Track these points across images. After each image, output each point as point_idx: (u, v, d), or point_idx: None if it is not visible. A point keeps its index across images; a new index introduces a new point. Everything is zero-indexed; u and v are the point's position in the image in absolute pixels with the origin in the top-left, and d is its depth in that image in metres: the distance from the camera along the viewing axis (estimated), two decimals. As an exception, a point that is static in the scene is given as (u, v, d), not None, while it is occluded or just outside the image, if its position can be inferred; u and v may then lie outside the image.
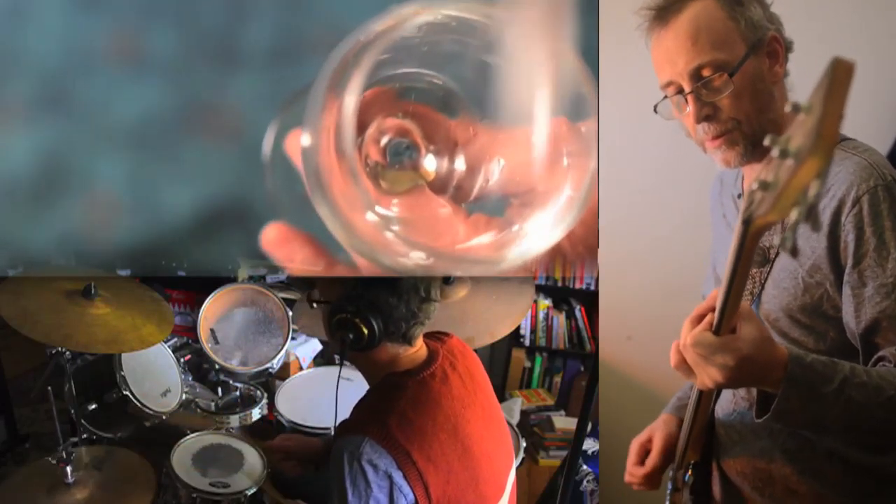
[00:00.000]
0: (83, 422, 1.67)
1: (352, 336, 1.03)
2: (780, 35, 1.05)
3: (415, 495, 0.97)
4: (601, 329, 2.27)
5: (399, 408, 1.02)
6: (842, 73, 0.53)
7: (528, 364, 3.09)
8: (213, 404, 1.85)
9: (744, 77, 1.01)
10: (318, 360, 2.27)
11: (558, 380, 3.11)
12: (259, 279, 2.22)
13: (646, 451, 1.25)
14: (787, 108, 0.57)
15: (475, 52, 0.57)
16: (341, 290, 1.04)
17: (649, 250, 2.06)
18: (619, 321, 2.14)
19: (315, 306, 1.08)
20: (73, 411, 1.65)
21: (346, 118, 0.52)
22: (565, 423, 2.77)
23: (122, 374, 1.69)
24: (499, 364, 3.03)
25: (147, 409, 1.71)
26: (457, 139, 0.60)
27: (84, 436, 1.67)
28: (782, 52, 1.05)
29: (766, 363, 0.84)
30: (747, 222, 0.66)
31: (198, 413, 1.83)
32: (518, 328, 2.98)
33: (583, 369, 3.08)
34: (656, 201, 2.03)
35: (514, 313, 1.75)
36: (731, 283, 0.77)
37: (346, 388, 1.15)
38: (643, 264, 2.06)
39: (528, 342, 3.07)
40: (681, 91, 1.04)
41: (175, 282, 2.36)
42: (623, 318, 2.13)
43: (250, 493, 1.56)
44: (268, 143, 0.62)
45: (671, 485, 1.21)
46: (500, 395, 2.90)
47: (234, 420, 1.81)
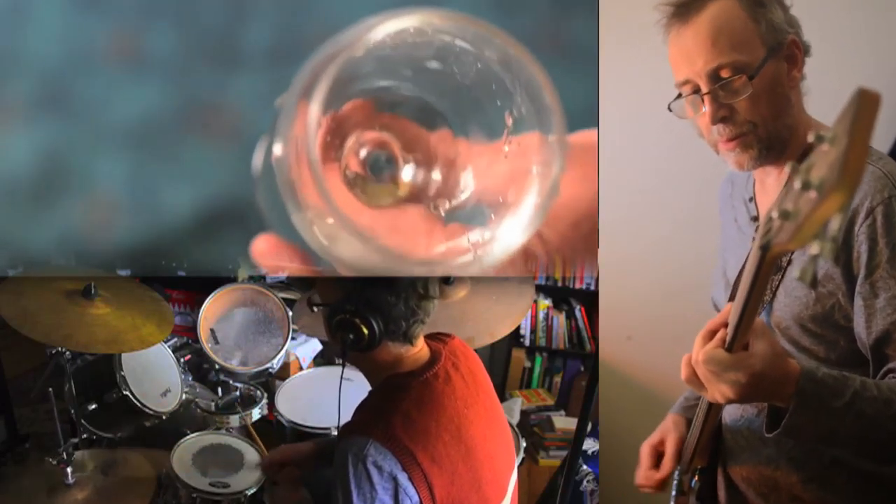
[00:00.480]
0: (83, 422, 1.67)
1: (352, 336, 1.02)
2: (799, 39, 1.03)
3: (420, 497, 0.96)
4: (601, 329, 2.27)
5: (403, 409, 1.01)
6: (868, 104, 0.52)
7: (528, 364, 3.09)
8: (213, 404, 1.85)
9: (762, 80, 0.99)
10: (318, 360, 2.27)
11: (558, 380, 3.11)
12: (259, 279, 2.22)
13: (658, 454, 1.23)
14: (811, 138, 0.56)
15: (453, 66, 0.58)
16: (340, 292, 1.04)
17: (649, 250, 2.06)
18: (619, 321, 2.14)
19: (315, 310, 1.08)
20: (73, 411, 1.65)
21: (310, 127, 0.53)
22: (565, 423, 2.77)
23: (122, 374, 1.69)
24: (499, 364, 3.03)
25: (147, 409, 1.71)
26: (435, 151, 0.62)
27: (84, 436, 1.67)
28: (801, 56, 1.03)
29: (778, 379, 0.83)
30: (765, 248, 0.65)
31: (198, 413, 1.83)
32: (518, 328, 2.98)
33: (583, 369, 3.07)
34: (656, 201, 2.03)
35: (514, 313, 1.74)
36: (746, 303, 0.77)
37: (347, 388, 1.15)
38: (643, 264, 2.06)
39: (528, 342, 3.07)
40: (697, 90, 1.02)
41: (175, 282, 2.36)
42: (623, 318, 2.13)
43: (250, 493, 1.56)
44: (258, 155, 0.63)
45: (676, 488, 1.20)
46: (500, 395, 2.89)
47: (234, 420, 1.81)
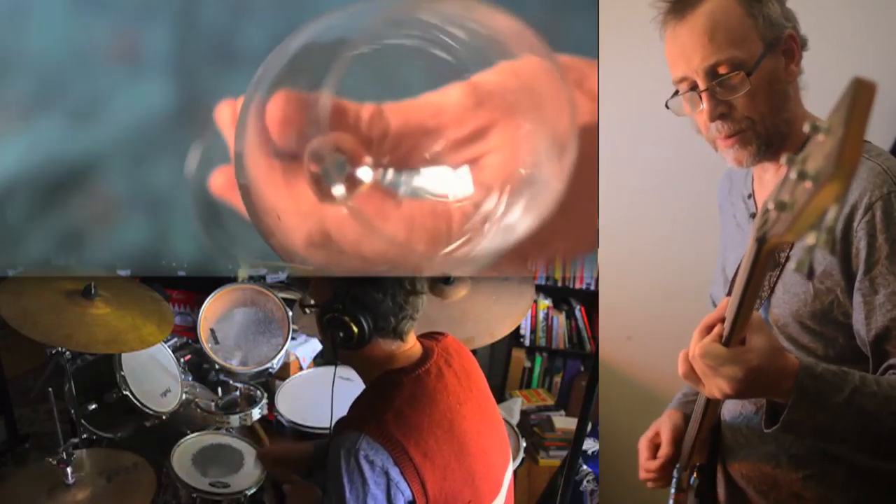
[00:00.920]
0: (83, 422, 1.67)
1: (342, 334, 1.04)
2: (797, 33, 1.02)
3: (412, 492, 0.97)
4: (601, 329, 2.27)
5: (395, 404, 1.02)
6: (863, 94, 0.51)
7: (528, 364, 3.09)
8: (213, 404, 1.85)
9: (760, 76, 0.98)
10: (318, 360, 2.27)
11: (558, 380, 3.11)
12: (259, 279, 2.22)
13: (655, 446, 1.23)
14: (806, 129, 0.55)
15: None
16: (330, 292, 1.05)
17: (649, 250, 2.06)
18: (619, 321, 2.14)
19: (308, 311, 1.09)
20: (73, 411, 1.65)
21: (249, 121, 0.54)
22: (565, 423, 2.76)
23: (122, 374, 1.69)
24: (499, 364, 3.03)
25: (147, 409, 1.71)
26: (370, 122, 0.58)
27: (84, 436, 1.67)
28: (798, 50, 1.02)
29: (776, 374, 0.83)
30: (761, 240, 0.65)
31: (198, 413, 1.83)
32: (518, 328, 2.97)
33: (583, 369, 3.07)
34: (656, 201, 2.04)
35: (514, 313, 1.75)
36: (743, 297, 0.76)
37: (346, 388, 1.15)
38: (643, 264, 2.06)
39: (528, 342, 3.06)
40: (694, 87, 1.01)
41: (175, 282, 2.36)
42: (623, 318, 2.14)
43: (250, 493, 1.56)
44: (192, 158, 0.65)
45: (675, 484, 1.20)
46: (500, 396, 2.90)
47: (234, 420, 1.81)
